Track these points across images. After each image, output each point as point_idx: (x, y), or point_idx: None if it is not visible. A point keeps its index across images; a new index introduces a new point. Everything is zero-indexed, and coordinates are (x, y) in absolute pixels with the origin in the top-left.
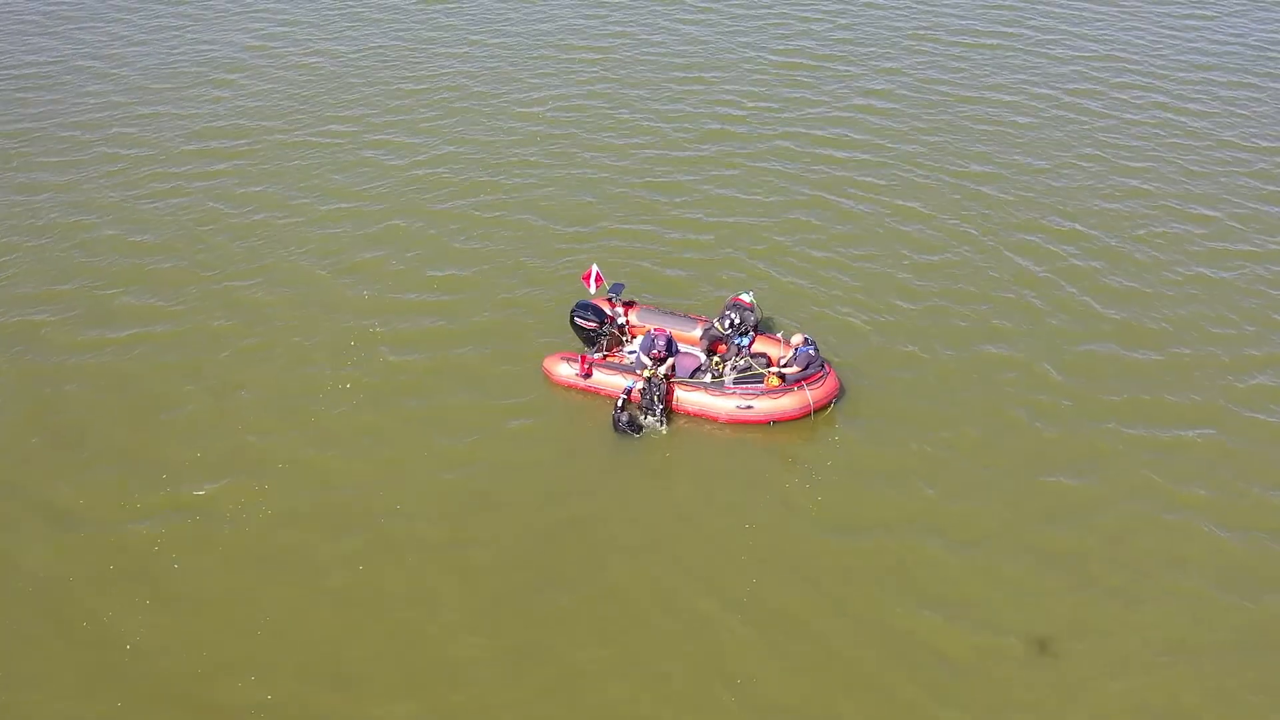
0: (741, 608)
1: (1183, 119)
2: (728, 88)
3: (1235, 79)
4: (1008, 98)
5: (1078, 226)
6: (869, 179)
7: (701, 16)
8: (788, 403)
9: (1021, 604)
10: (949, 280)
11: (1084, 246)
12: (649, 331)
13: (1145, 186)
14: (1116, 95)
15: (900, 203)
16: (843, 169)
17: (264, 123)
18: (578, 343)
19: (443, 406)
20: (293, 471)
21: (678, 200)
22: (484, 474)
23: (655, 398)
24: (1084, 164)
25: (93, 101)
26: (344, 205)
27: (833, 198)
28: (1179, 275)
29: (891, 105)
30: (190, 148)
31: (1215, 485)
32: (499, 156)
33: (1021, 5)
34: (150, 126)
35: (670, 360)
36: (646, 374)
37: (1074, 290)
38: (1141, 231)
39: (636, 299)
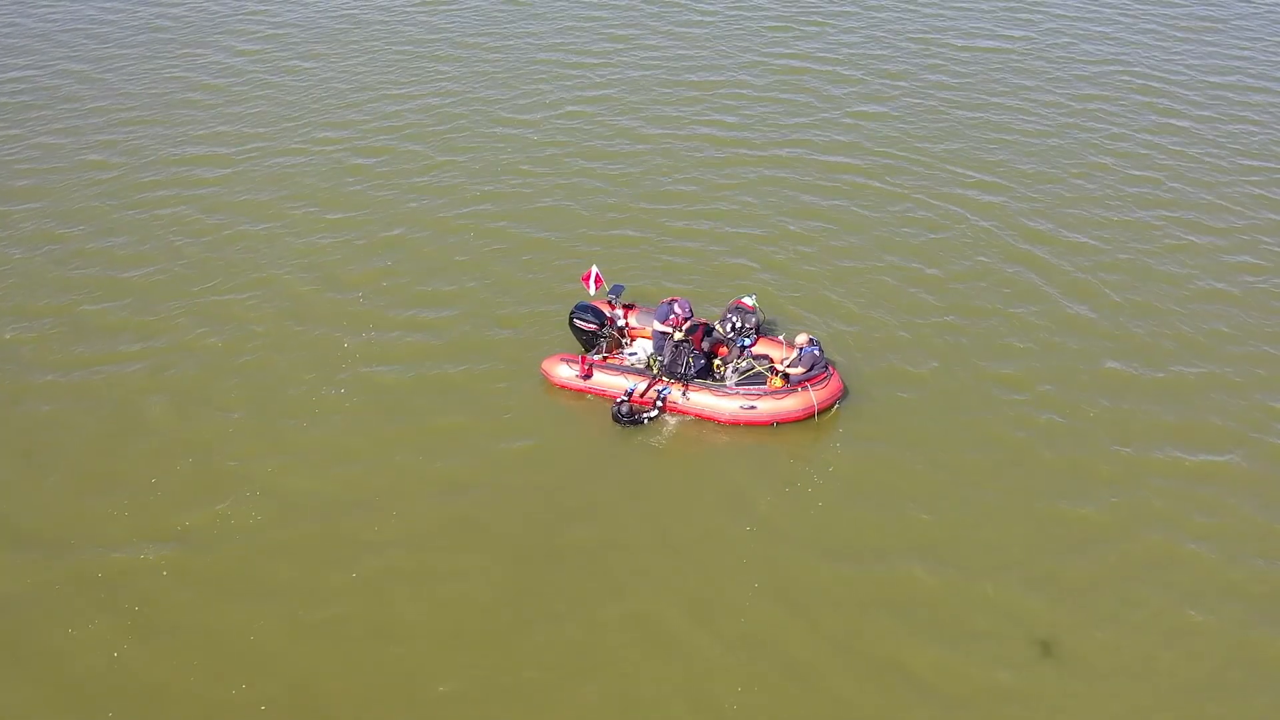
0: (735, 639)
1: (1195, 132)
2: (729, 95)
3: (1247, 97)
4: (1016, 108)
5: (1088, 240)
6: (874, 187)
7: (700, 30)
8: (791, 404)
9: (1020, 636)
10: (955, 293)
11: (1094, 261)
12: (660, 303)
13: (1157, 204)
14: (1127, 105)
15: (907, 214)
16: (847, 178)
17: (249, 135)
18: (576, 345)
19: (434, 422)
20: (275, 496)
21: (679, 204)
22: (475, 495)
23: (688, 361)
24: (1095, 175)
25: (72, 108)
26: (332, 217)
27: (837, 206)
28: (1193, 292)
29: (897, 114)
30: (173, 160)
31: (1231, 516)
32: (494, 164)
33: (1028, 13)
34: (132, 136)
35: (690, 321)
36: (678, 336)
37: (1083, 307)
38: (1154, 246)
39: (636, 301)
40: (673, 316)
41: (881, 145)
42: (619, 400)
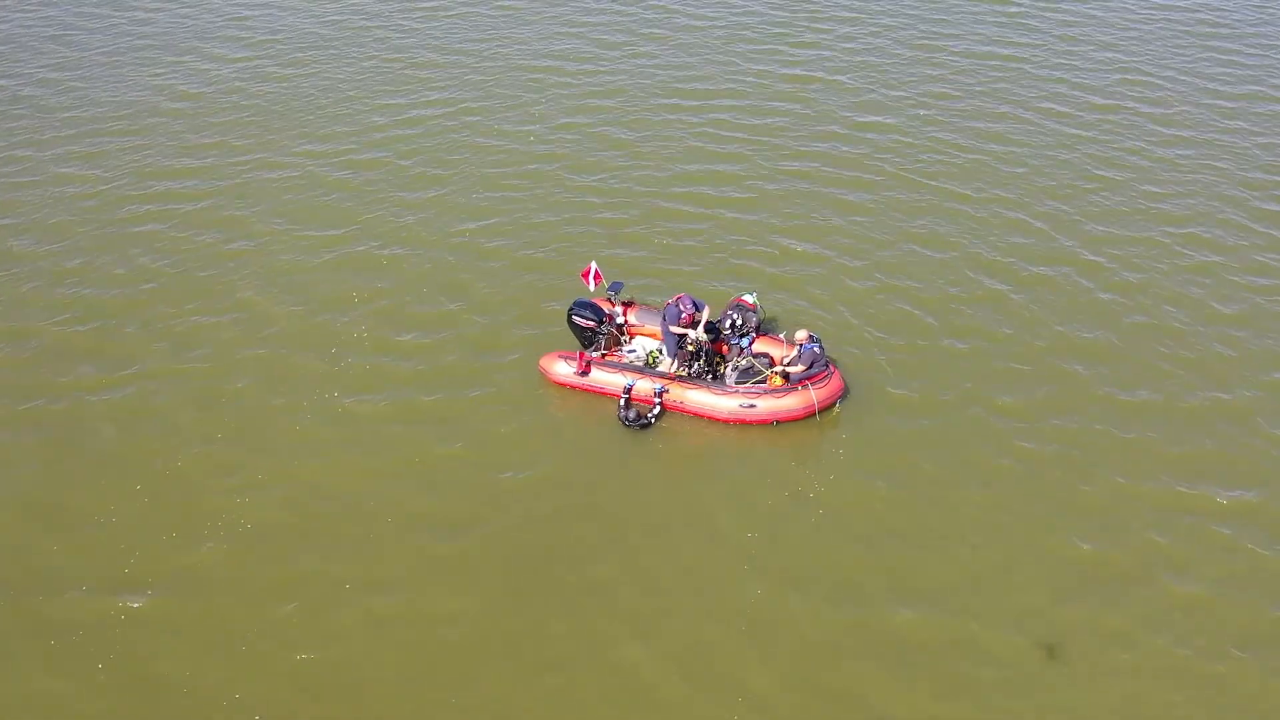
0: (735, 693)
1: (1212, 145)
2: (727, 103)
3: (1269, 107)
4: (1025, 124)
5: (1100, 260)
6: (879, 198)
7: (695, 36)
8: (792, 402)
9: (1024, 662)
10: (960, 312)
11: (1106, 282)
12: (667, 304)
13: (1175, 220)
14: (1140, 119)
15: (913, 228)
16: (849, 188)
17: (229, 148)
18: (575, 343)
19: (427, 449)
20: (251, 534)
21: (678, 207)
22: (466, 523)
23: (705, 361)
24: (1110, 192)
25: (44, 119)
26: (315, 233)
27: (839, 214)
28: (1209, 316)
29: (901, 126)
30: (149, 173)
31: (1239, 558)
32: (484, 173)
33: (1036, 22)
34: (107, 148)
35: (704, 315)
36: (695, 340)
37: (1094, 332)
38: (1168, 266)
39: (635, 299)
40: (684, 315)
41: (884, 157)
42: (622, 402)
